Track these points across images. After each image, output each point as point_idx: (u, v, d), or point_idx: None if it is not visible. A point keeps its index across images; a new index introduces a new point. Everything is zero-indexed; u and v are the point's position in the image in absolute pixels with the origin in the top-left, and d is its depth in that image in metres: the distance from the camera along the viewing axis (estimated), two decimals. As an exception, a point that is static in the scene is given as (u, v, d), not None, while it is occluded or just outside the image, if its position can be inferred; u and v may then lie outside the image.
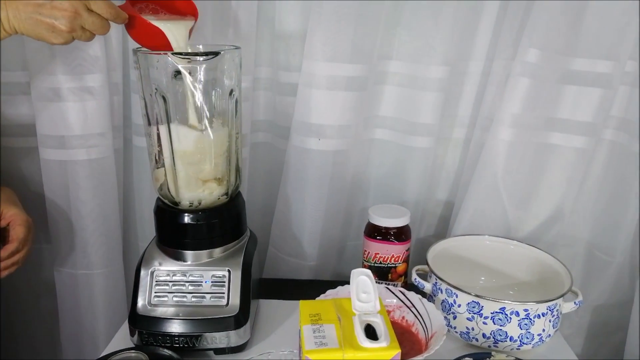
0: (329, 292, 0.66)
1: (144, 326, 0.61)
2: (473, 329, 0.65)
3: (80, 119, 0.75)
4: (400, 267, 0.76)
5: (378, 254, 0.75)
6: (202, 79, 0.61)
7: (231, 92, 0.64)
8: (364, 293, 0.46)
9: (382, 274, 0.76)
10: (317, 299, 0.62)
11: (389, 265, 0.75)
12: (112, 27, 0.73)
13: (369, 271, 0.47)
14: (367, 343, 0.43)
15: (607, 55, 0.74)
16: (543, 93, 0.76)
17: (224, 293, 0.62)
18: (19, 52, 0.75)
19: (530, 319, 0.63)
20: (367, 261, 0.76)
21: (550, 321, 0.65)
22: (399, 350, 0.43)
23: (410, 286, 0.71)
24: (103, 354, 0.58)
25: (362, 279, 0.47)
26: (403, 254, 0.75)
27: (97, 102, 0.75)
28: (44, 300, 0.89)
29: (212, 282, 0.63)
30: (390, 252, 0.75)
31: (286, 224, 0.86)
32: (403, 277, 0.77)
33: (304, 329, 0.45)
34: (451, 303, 0.66)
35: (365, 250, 0.76)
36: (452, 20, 0.75)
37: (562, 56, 0.75)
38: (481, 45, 0.80)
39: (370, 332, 0.44)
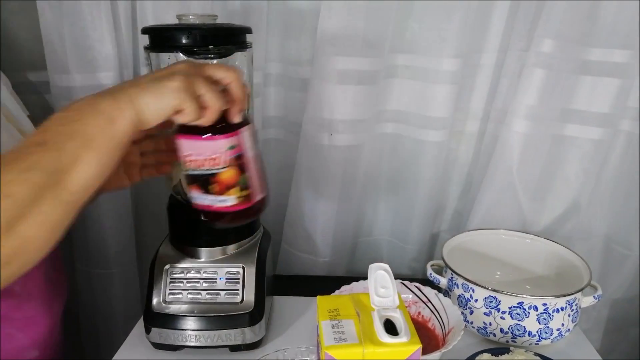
0: (344, 288, 0.65)
1: (159, 323, 0.61)
2: (490, 324, 0.64)
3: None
4: (225, 175, 0.50)
5: (190, 156, 0.49)
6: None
7: (243, 87, 0.64)
8: (382, 288, 0.45)
9: (202, 185, 0.51)
10: (332, 294, 0.61)
11: (207, 172, 0.50)
12: (122, 26, 0.74)
13: (387, 266, 0.46)
14: (387, 338, 0.42)
15: (623, 45, 0.73)
16: (558, 84, 0.74)
17: (238, 290, 0.62)
18: (28, 53, 0.76)
19: (549, 313, 0.62)
20: (185, 171, 0.52)
21: (569, 315, 0.64)
22: (420, 346, 0.42)
23: (425, 281, 0.71)
24: (119, 351, 0.58)
25: (380, 273, 0.46)
26: (225, 154, 0.48)
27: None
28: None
29: (226, 278, 0.62)
30: (204, 152, 0.49)
31: (298, 220, 0.85)
32: (234, 190, 0.50)
33: (323, 324, 0.44)
34: (468, 298, 0.65)
35: (180, 156, 0.51)
36: (464, 11, 0.74)
37: (578, 46, 0.73)
38: (494, 37, 0.79)
39: (390, 328, 0.43)
